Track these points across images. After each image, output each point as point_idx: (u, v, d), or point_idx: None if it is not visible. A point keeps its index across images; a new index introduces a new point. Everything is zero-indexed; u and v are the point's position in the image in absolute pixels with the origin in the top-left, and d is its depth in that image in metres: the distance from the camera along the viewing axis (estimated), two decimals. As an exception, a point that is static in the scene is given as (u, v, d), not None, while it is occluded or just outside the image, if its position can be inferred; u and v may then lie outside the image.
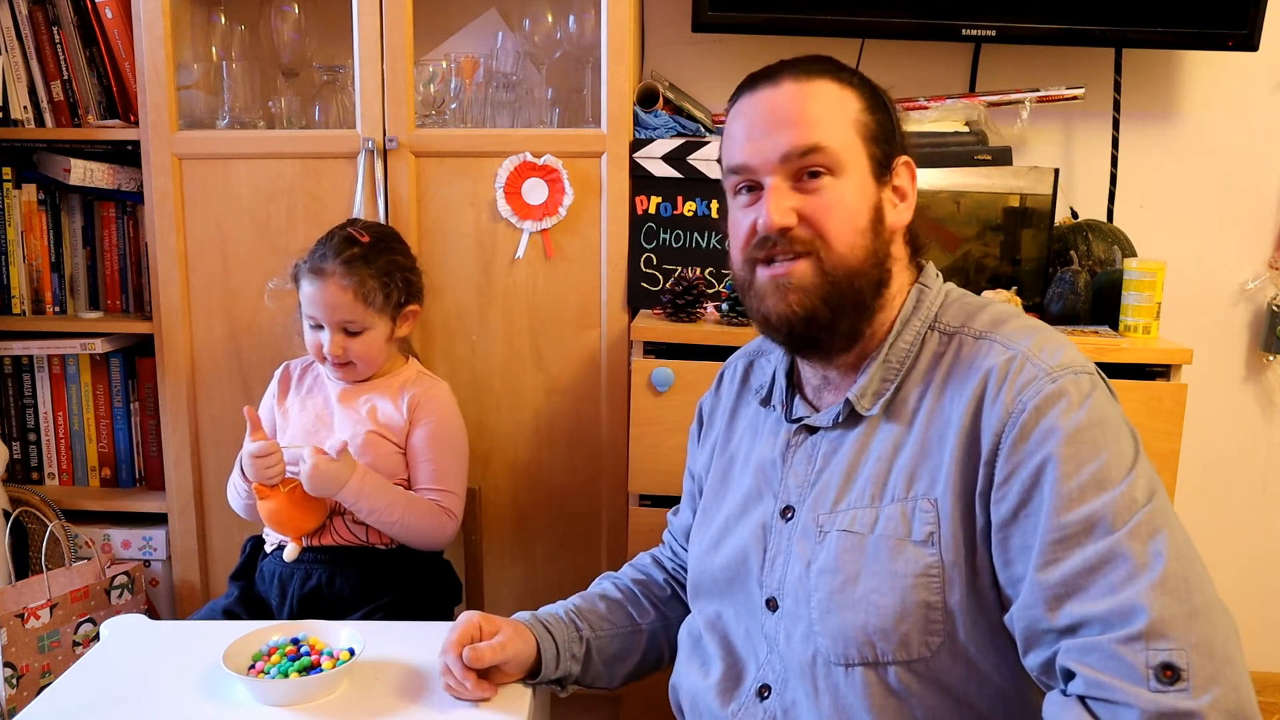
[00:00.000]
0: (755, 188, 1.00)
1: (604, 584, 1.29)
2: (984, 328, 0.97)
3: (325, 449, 1.46)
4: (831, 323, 0.98)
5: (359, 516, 1.50)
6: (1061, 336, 0.96)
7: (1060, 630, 0.84)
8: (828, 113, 0.97)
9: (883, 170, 1.00)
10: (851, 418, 1.00)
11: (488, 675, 1.10)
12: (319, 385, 1.63)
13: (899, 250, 1.03)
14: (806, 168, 0.97)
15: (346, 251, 1.53)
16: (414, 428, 1.56)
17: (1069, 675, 0.83)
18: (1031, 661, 0.88)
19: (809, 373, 1.07)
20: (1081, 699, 0.82)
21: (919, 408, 0.97)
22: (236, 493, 1.63)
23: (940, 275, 1.06)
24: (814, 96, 0.98)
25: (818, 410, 1.05)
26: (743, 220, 1.01)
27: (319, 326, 1.54)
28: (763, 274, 1.00)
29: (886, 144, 1.00)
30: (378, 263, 1.54)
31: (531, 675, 1.13)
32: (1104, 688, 0.80)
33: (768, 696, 1.01)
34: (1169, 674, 0.78)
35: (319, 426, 1.58)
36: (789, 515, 1.02)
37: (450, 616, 1.59)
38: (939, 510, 0.92)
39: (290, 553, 1.51)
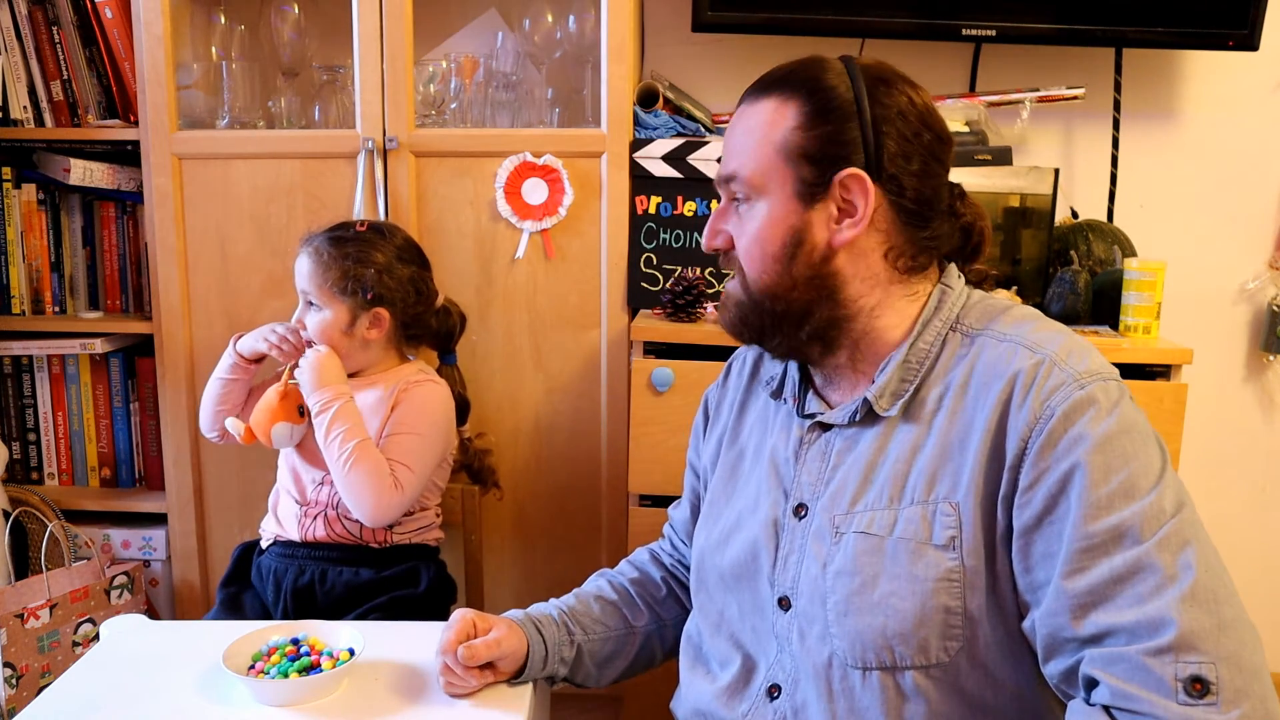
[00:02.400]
0: None
1: (599, 582, 1.28)
2: (1009, 330, 0.96)
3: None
4: (759, 338, 1.04)
5: (318, 432, 1.48)
6: (1086, 341, 0.95)
7: (1085, 639, 0.83)
8: (751, 137, 0.99)
9: (814, 189, 0.96)
10: (868, 416, 0.99)
11: (476, 671, 1.10)
12: None
13: (862, 266, 0.98)
14: (732, 193, 1.02)
15: (336, 232, 1.56)
16: (393, 411, 1.55)
17: (1092, 684, 0.82)
18: (1052, 669, 0.87)
19: (812, 369, 1.07)
20: (1107, 709, 0.81)
21: (939, 409, 0.95)
22: (216, 385, 1.65)
23: (963, 277, 1.04)
24: (745, 121, 1.01)
25: (829, 405, 1.04)
26: None
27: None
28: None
29: (824, 162, 0.96)
30: (354, 251, 1.53)
31: (516, 674, 1.13)
32: (1131, 699, 0.79)
33: (778, 696, 1.00)
34: (1198, 687, 0.77)
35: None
36: (802, 513, 1.01)
37: (445, 616, 1.59)
38: (960, 514, 0.91)
39: (234, 426, 1.55)
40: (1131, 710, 0.79)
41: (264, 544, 1.61)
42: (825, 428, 1.03)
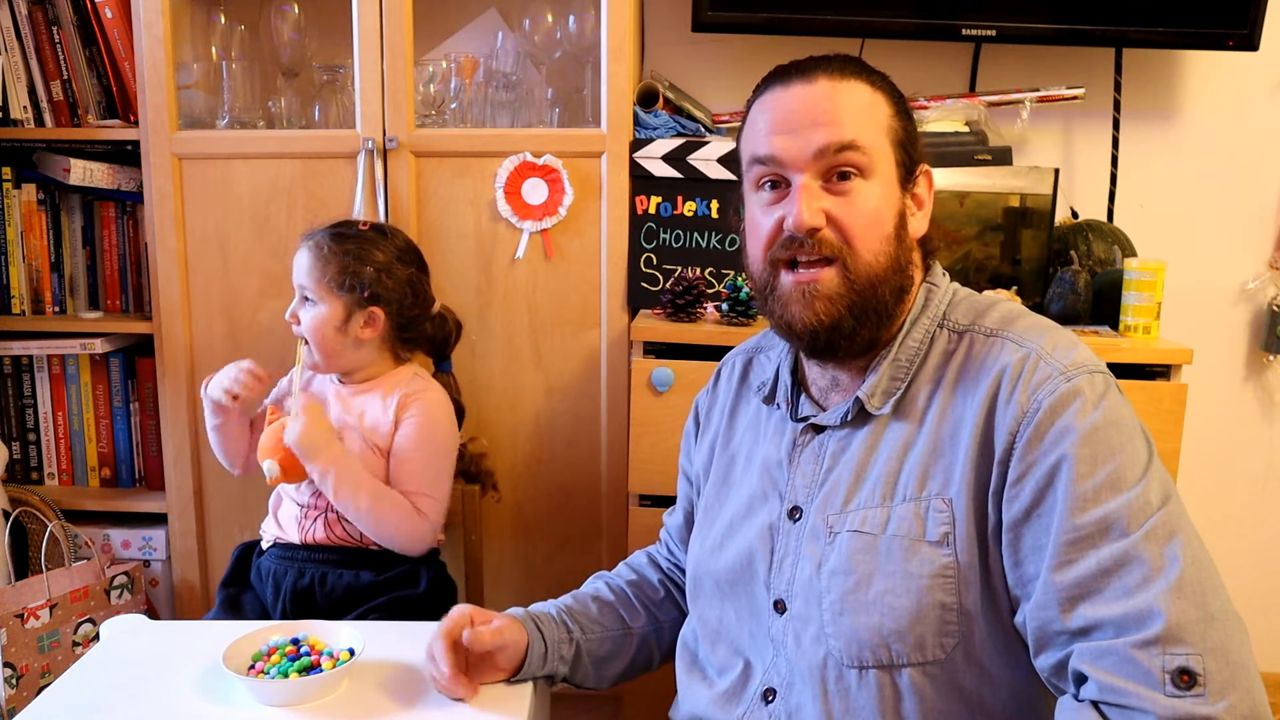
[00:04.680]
0: (779, 184, 0.97)
1: (597, 584, 1.27)
2: (995, 325, 0.96)
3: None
4: (854, 331, 0.96)
5: (326, 495, 1.48)
6: (1072, 335, 0.95)
7: (1073, 632, 0.83)
8: (862, 113, 0.96)
9: (907, 176, 0.99)
10: (860, 416, 0.99)
11: (476, 672, 1.10)
12: (320, 386, 1.62)
13: (916, 257, 1.02)
14: (838, 167, 0.94)
15: (338, 229, 1.55)
16: (398, 428, 1.54)
17: (1081, 679, 0.83)
18: (1043, 662, 0.87)
19: (816, 374, 1.06)
20: (1095, 704, 0.81)
21: (929, 406, 0.96)
22: (211, 434, 1.66)
23: (947, 274, 1.05)
24: (849, 95, 0.96)
25: (824, 410, 1.04)
26: (765, 219, 0.98)
27: None
28: (787, 279, 0.97)
29: (911, 150, 0.99)
30: (354, 248, 1.52)
31: (515, 671, 1.12)
32: (1119, 692, 0.79)
33: (772, 700, 1.00)
34: (1185, 679, 0.77)
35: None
36: (796, 516, 1.01)
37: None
38: (954, 510, 0.91)
39: (271, 466, 1.52)
40: (1120, 704, 0.79)
41: (264, 545, 1.61)
42: (818, 430, 1.03)
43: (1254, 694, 0.78)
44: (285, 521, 1.58)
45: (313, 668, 1.09)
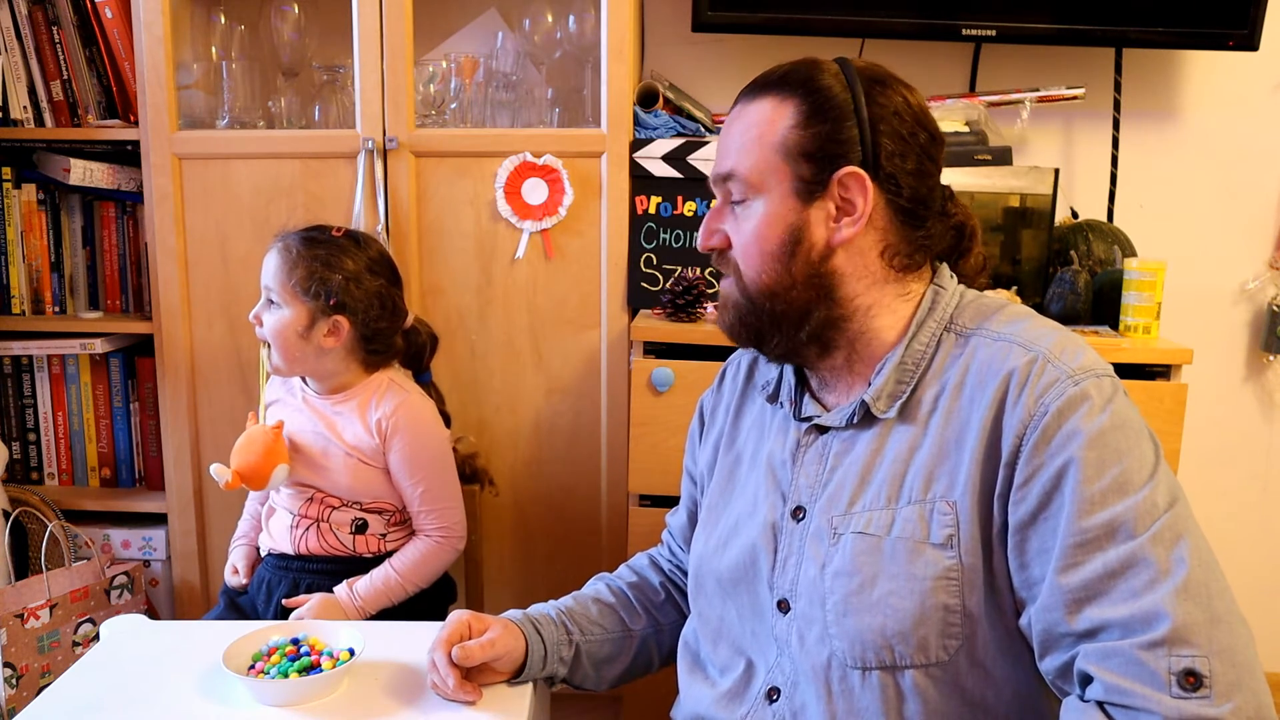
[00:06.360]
0: None
1: (598, 585, 1.27)
2: (1002, 329, 0.96)
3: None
4: (757, 339, 1.03)
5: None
6: (1079, 338, 0.95)
7: (1079, 634, 0.84)
8: (747, 136, 0.99)
9: (812, 187, 0.97)
10: (865, 418, 0.99)
11: (475, 674, 1.10)
12: (293, 391, 1.61)
13: (859, 265, 0.99)
14: (729, 192, 1.02)
15: (310, 233, 1.52)
16: (389, 451, 1.52)
17: (1087, 680, 0.83)
18: (1048, 665, 0.88)
19: (808, 371, 1.07)
20: (1100, 704, 0.81)
21: (935, 409, 0.96)
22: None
23: (955, 276, 1.04)
24: (741, 120, 1.00)
25: (825, 408, 1.04)
26: None
27: None
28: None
29: (822, 160, 0.96)
30: (324, 253, 1.49)
31: (515, 674, 1.13)
32: (1124, 693, 0.79)
33: (776, 699, 1.00)
34: (1191, 680, 0.78)
35: (301, 428, 1.57)
36: (800, 516, 1.01)
37: (445, 617, 1.58)
38: (958, 513, 0.91)
39: (219, 470, 1.51)
40: (1125, 705, 0.80)
41: (261, 552, 1.60)
42: (822, 430, 1.03)
43: (1259, 696, 0.79)
44: (277, 532, 1.57)
45: (313, 668, 1.09)
